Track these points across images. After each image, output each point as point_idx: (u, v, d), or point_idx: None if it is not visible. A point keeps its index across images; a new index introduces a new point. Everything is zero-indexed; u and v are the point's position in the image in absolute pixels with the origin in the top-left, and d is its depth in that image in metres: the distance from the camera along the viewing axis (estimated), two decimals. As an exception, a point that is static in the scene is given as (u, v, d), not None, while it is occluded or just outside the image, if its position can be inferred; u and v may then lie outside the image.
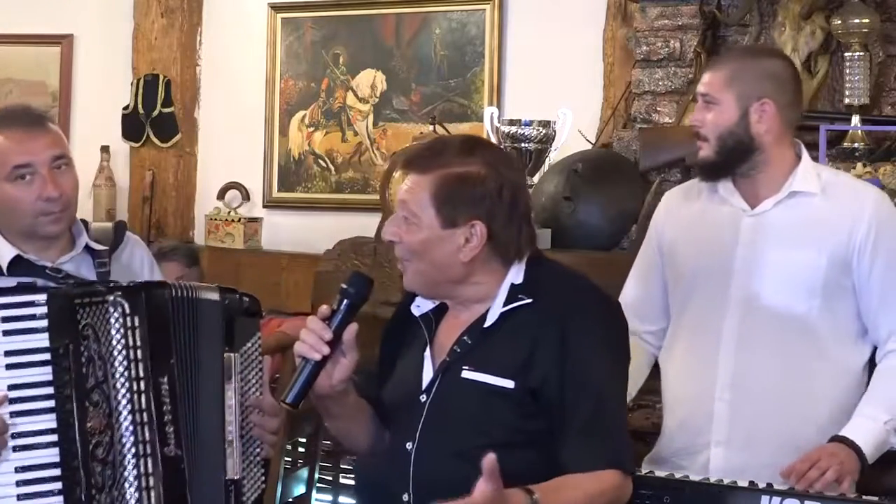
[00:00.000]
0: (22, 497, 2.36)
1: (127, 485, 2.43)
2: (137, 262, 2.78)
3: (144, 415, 2.44)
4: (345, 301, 2.26)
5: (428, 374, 2.34)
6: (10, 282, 2.50)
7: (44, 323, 2.41)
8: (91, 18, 5.32)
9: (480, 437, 2.23)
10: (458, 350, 2.31)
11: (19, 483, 2.37)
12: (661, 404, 2.96)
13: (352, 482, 2.92)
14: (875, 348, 2.79)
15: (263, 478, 2.55)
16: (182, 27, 5.15)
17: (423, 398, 2.32)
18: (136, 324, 2.45)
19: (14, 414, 2.38)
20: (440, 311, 2.39)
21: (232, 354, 2.49)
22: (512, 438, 2.24)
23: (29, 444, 2.39)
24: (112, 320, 2.45)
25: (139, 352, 2.44)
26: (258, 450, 2.50)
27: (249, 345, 2.52)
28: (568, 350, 2.24)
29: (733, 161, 2.79)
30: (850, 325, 2.77)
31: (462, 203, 2.27)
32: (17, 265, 2.59)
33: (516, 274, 2.32)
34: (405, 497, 2.28)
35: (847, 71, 3.63)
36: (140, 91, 5.10)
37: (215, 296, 2.52)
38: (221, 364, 2.50)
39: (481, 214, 2.27)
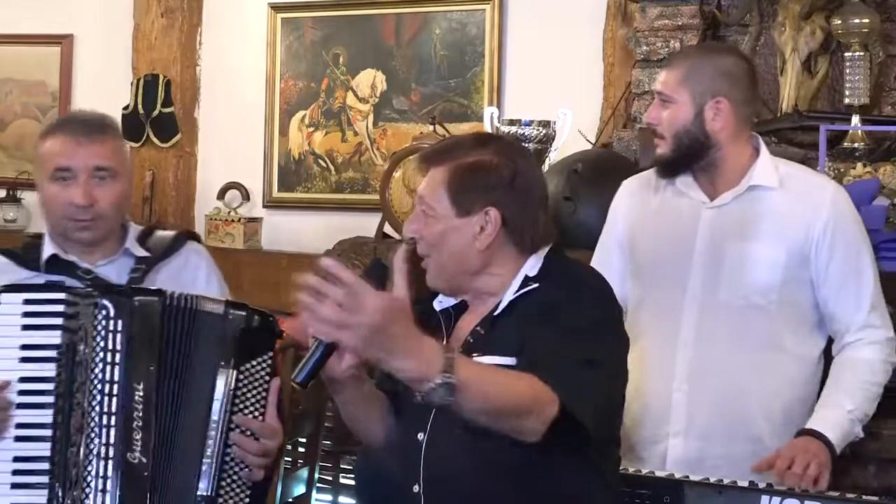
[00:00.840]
0: (15, 486, 2.43)
1: (85, 485, 2.43)
2: (190, 273, 2.76)
3: (113, 418, 2.43)
4: None
5: None
6: (41, 279, 2.60)
7: (59, 321, 2.47)
8: (91, 18, 5.33)
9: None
10: (472, 341, 2.32)
11: (15, 472, 2.44)
12: None
13: (352, 482, 2.91)
14: (830, 339, 2.83)
15: (247, 498, 2.49)
16: (182, 27, 5.14)
17: None
18: (119, 327, 2.45)
19: (20, 405, 2.45)
20: (461, 308, 2.40)
21: (229, 370, 2.46)
22: None
23: (27, 435, 2.45)
24: (96, 322, 2.46)
25: (117, 355, 2.44)
26: (244, 470, 2.46)
27: (254, 363, 2.49)
28: (560, 317, 2.22)
29: (690, 158, 2.83)
30: (807, 317, 2.81)
31: (475, 190, 2.29)
32: (55, 264, 2.66)
33: (532, 266, 2.33)
34: (415, 489, 2.27)
35: (847, 71, 3.64)
36: (140, 91, 5.10)
37: (219, 309, 2.51)
38: (213, 378, 2.47)
39: (495, 201, 2.29)
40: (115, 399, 2.44)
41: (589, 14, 4.36)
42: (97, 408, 2.44)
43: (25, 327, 2.48)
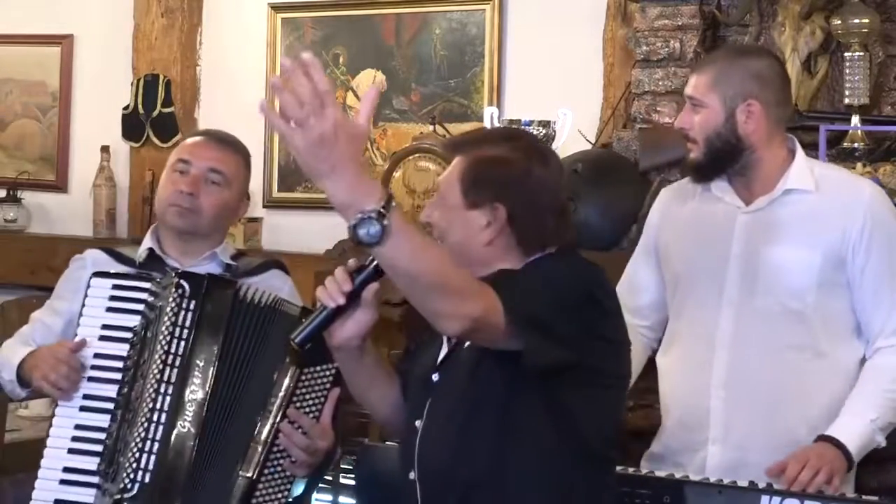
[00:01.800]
0: (71, 451, 2.68)
1: (132, 444, 2.60)
2: (275, 288, 2.87)
3: (170, 387, 2.62)
4: (373, 260, 2.26)
5: (443, 353, 2.36)
6: (132, 272, 2.86)
7: (140, 307, 2.72)
8: (91, 18, 5.32)
9: (479, 411, 2.23)
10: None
11: (73, 439, 2.69)
12: (660, 404, 2.97)
13: (352, 482, 2.92)
14: None
15: (286, 492, 2.64)
16: (182, 27, 5.14)
17: (434, 377, 2.34)
18: (191, 307, 2.66)
19: (90, 379, 2.71)
20: None
21: (292, 368, 2.61)
22: (509, 408, 2.22)
23: (90, 406, 2.70)
24: (171, 299, 2.67)
25: (185, 331, 2.65)
26: (289, 461, 2.59)
27: (319, 369, 2.64)
28: (516, 278, 2.22)
29: (723, 162, 2.80)
30: (845, 322, 2.78)
31: (486, 185, 2.29)
32: (150, 261, 2.90)
33: None
34: (411, 475, 2.29)
35: (847, 71, 3.63)
36: (140, 91, 5.10)
37: (295, 311, 2.70)
38: (275, 373, 2.63)
39: (504, 198, 2.29)
40: (175, 370, 2.63)
41: (589, 14, 4.36)
42: (157, 375, 2.62)
43: (109, 309, 2.74)
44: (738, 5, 3.89)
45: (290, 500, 2.70)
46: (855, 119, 3.62)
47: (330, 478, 4.42)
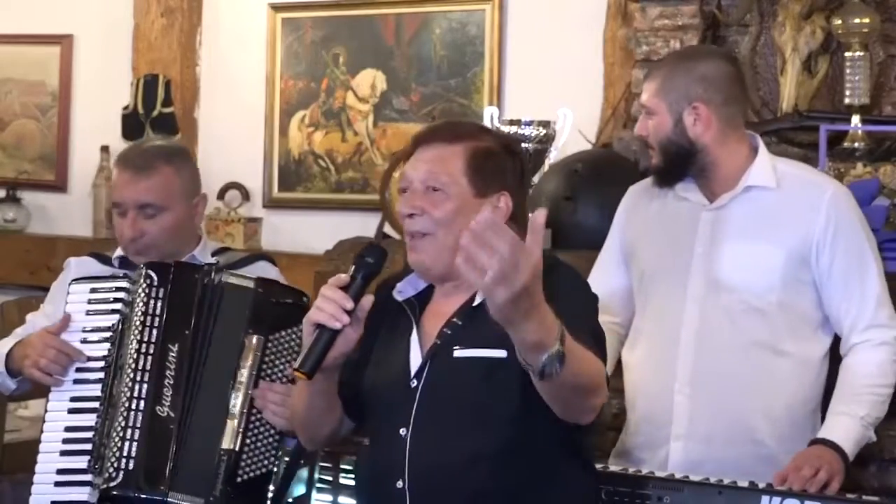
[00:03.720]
0: (63, 453, 2.74)
1: (114, 433, 2.64)
2: None
3: (146, 374, 2.67)
4: (362, 271, 2.24)
5: (416, 359, 2.33)
6: (108, 272, 2.95)
7: (118, 306, 2.78)
8: (91, 18, 5.32)
9: (478, 417, 2.23)
10: (449, 332, 2.31)
11: (65, 441, 2.75)
12: (624, 400, 2.98)
13: (352, 482, 2.92)
14: (836, 338, 2.81)
15: (272, 458, 2.69)
16: (182, 27, 5.14)
17: (413, 383, 2.30)
18: (160, 294, 2.72)
19: (75, 381, 2.78)
20: (423, 299, 2.39)
21: (255, 336, 2.67)
22: (509, 412, 2.23)
23: (78, 408, 2.76)
24: (140, 289, 2.73)
25: (156, 319, 2.70)
26: (270, 430, 2.66)
27: (284, 333, 2.70)
28: (558, 305, 2.22)
29: (681, 166, 2.85)
30: (810, 317, 2.79)
31: (492, 174, 2.32)
32: (127, 261, 2.96)
33: None
34: (399, 484, 2.27)
35: (847, 71, 3.63)
36: (140, 91, 5.09)
37: (250, 284, 2.75)
38: (240, 344, 2.67)
39: (507, 188, 2.32)
40: (150, 358, 2.68)
41: (589, 14, 4.36)
42: (133, 365, 2.68)
43: (89, 312, 2.81)
44: (738, 5, 3.89)
45: (290, 500, 2.73)
46: (855, 119, 3.62)
47: (330, 478, 4.42)
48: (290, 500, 3.82)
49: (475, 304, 2.30)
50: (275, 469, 2.71)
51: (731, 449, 2.73)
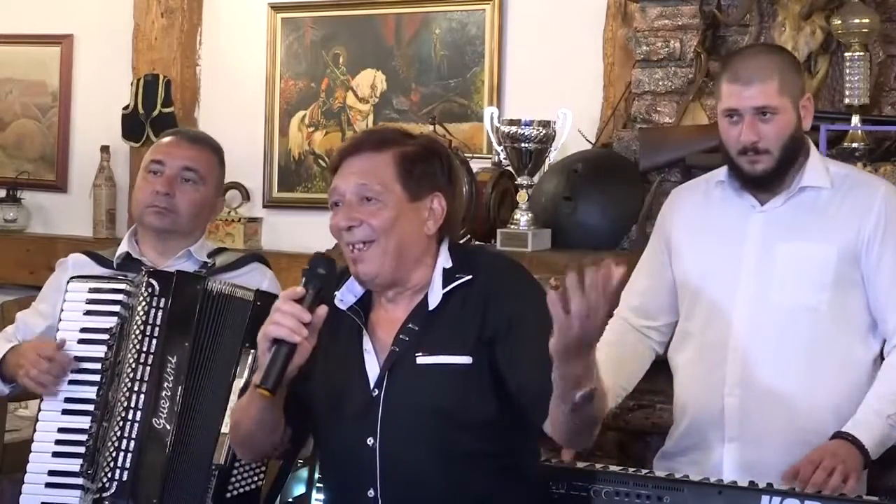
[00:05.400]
0: (55, 454, 2.75)
1: (109, 444, 2.64)
2: (255, 283, 2.90)
3: (144, 385, 2.66)
4: (315, 283, 2.23)
5: (373, 367, 2.31)
6: (109, 273, 2.91)
7: (116, 308, 2.76)
8: (91, 18, 5.32)
9: (445, 423, 2.23)
10: (406, 339, 2.29)
11: (57, 442, 2.75)
12: (661, 404, 2.97)
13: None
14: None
15: (261, 474, 2.71)
16: (182, 27, 5.14)
17: (375, 392, 2.29)
18: (161, 304, 2.71)
19: (70, 382, 2.77)
20: (364, 305, 2.38)
21: (252, 350, 2.58)
22: (477, 417, 2.23)
23: (72, 409, 2.76)
24: (143, 299, 2.72)
25: (156, 329, 2.69)
26: None
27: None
28: (515, 315, 2.25)
29: (790, 165, 2.78)
30: (860, 320, 2.77)
31: (423, 177, 2.32)
32: (128, 262, 2.93)
33: (445, 259, 2.33)
34: (370, 493, 2.26)
35: (847, 71, 3.63)
36: (140, 91, 5.09)
37: (249, 296, 2.74)
38: (237, 358, 2.65)
39: (439, 188, 2.33)
40: (148, 368, 2.68)
41: (589, 14, 4.36)
42: (131, 374, 2.67)
43: (87, 312, 2.80)
44: (738, 5, 3.88)
45: (290, 500, 2.73)
46: (855, 119, 3.61)
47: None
48: (290, 500, 3.83)
49: (430, 308, 2.30)
50: (259, 483, 2.72)
51: (783, 452, 2.69)
